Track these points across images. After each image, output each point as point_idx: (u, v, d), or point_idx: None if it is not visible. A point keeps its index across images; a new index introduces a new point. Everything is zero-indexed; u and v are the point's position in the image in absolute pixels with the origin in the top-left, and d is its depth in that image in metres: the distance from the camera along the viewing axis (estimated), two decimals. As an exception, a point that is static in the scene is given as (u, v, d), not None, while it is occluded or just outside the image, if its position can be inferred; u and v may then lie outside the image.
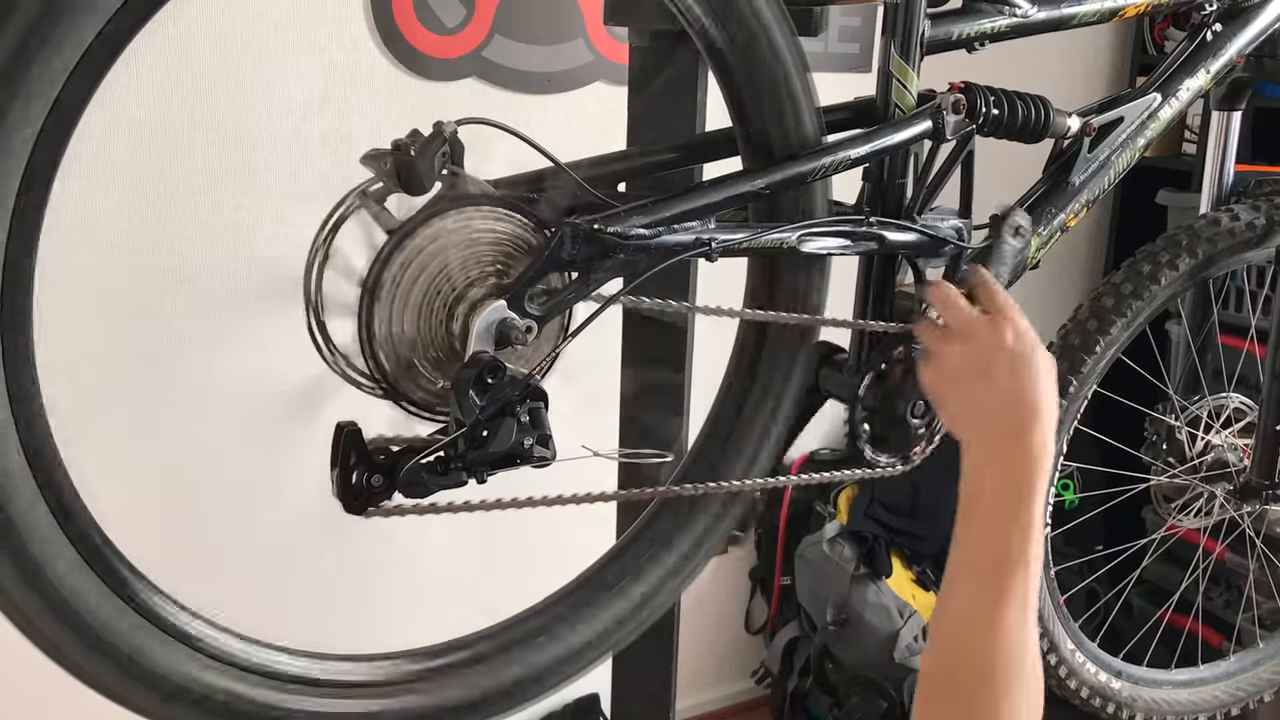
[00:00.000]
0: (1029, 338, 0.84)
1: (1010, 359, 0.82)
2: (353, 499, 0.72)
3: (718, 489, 0.91)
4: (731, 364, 0.95)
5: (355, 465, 0.72)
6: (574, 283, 0.77)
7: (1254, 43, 1.15)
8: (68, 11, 0.59)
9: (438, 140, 0.73)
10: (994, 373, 0.82)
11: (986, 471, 0.81)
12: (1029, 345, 0.83)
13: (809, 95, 0.85)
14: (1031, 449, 0.80)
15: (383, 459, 0.73)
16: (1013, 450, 0.80)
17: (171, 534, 1.65)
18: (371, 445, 0.73)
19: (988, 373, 0.82)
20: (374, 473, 0.72)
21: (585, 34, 1.99)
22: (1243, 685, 1.39)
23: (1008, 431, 0.80)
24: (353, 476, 0.72)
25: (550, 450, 0.75)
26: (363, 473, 0.72)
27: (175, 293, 1.76)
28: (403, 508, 0.74)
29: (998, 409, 0.81)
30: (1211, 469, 1.31)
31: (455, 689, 0.82)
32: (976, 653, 0.75)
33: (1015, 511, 0.78)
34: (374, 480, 0.72)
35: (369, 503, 0.73)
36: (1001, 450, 0.80)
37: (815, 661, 2.42)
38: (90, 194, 1.66)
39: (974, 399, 0.83)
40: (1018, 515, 0.78)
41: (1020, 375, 0.81)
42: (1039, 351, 0.83)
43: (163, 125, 1.69)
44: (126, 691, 0.70)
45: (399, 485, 0.72)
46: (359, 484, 0.72)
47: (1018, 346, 0.83)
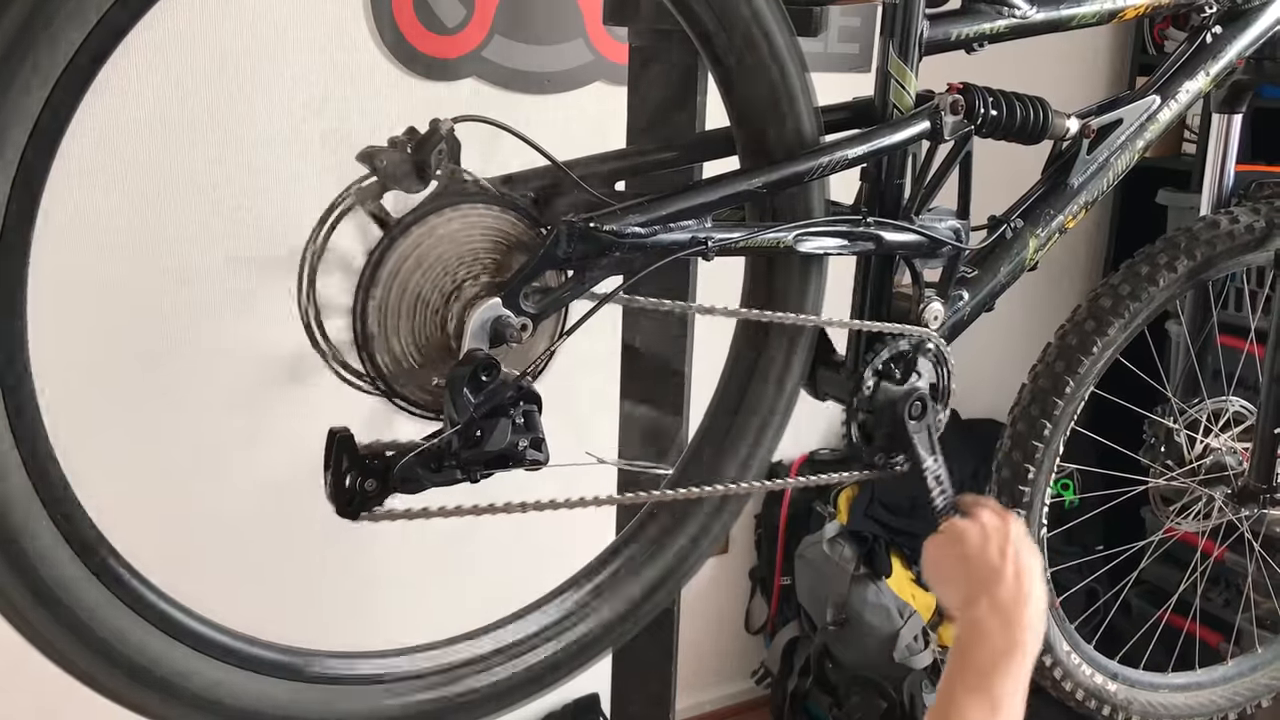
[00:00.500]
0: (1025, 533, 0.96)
1: (1019, 548, 0.93)
2: (345, 503, 0.72)
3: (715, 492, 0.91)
4: (728, 363, 0.95)
5: (348, 470, 0.72)
6: (570, 281, 0.77)
7: (1254, 45, 1.15)
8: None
9: (434, 138, 0.73)
10: (1006, 547, 0.92)
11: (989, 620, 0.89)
12: (1027, 537, 0.95)
13: (807, 95, 0.85)
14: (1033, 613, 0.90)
15: (375, 463, 0.72)
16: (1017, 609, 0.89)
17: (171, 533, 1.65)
18: (364, 450, 0.73)
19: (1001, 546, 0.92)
20: (367, 477, 0.72)
21: (585, 34, 1.99)
22: (1240, 690, 1.38)
23: (1014, 595, 0.90)
24: (345, 481, 0.72)
25: (544, 454, 0.75)
26: (355, 477, 0.72)
27: (175, 293, 1.76)
28: (394, 512, 0.74)
29: (1007, 584, 0.90)
30: (1210, 472, 1.30)
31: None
32: None
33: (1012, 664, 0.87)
34: (367, 484, 0.72)
35: (362, 507, 0.73)
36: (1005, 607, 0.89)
37: (815, 661, 2.42)
38: (90, 194, 1.66)
39: (987, 572, 0.91)
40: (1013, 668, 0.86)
41: (1025, 561, 0.92)
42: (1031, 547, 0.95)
43: (163, 125, 1.69)
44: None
45: (393, 481, 0.72)
46: (352, 488, 0.72)
47: (1024, 538, 0.94)
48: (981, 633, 0.88)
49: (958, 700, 0.85)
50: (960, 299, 1.00)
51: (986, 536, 0.93)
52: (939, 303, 0.97)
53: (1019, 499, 1.17)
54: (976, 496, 1.01)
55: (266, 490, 1.81)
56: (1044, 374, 1.17)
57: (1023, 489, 1.17)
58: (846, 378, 0.97)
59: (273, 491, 1.78)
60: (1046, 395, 1.16)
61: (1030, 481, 1.17)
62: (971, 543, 0.93)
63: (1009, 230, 1.03)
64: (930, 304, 0.96)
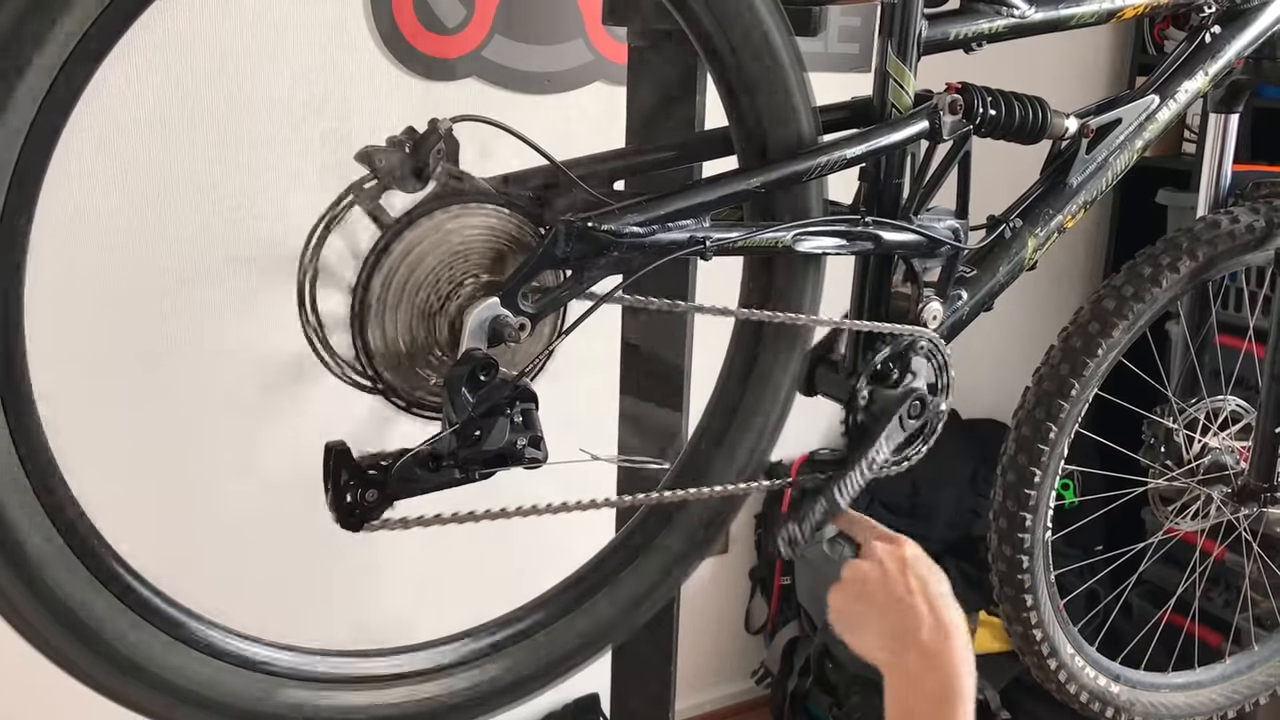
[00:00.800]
0: (923, 554, 0.88)
1: (925, 576, 0.86)
2: (347, 516, 0.72)
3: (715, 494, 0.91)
4: (726, 362, 0.95)
5: (347, 482, 0.72)
6: (568, 280, 0.77)
7: (1253, 45, 1.15)
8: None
9: (433, 137, 0.73)
10: (911, 582, 0.85)
11: (922, 672, 0.83)
12: (926, 559, 0.88)
13: (805, 95, 0.85)
14: (961, 649, 0.83)
15: (374, 474, 0.73)
16: (946, 653, 0.82)
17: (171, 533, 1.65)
18: (362, 461, 0.73)
19: (906, 582, 0.85)
20: (367, 488, 0.72)
21: (585, 34, 2.00)
22: (1239, 688, 1.39)
23: (938, 635, 0.83)
24: (346, 493, 0.72)
25: (542, 452, 0.75)
26: (356, 489, 0.72)
27: (175, 293, 1.76)
28: (397, 521, 0.74)
29: (927, 623, 0.84)
30: (1208, 472, 1.30)
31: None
32: None
33: (955, 715, 0.80)
34: (367, 495, 0.72)
35: (365, 518, 0.73)
36: (934, 654, 0.82)
37: (815, 661, 2.42)
38: (90, 194, 1.66)
39: (899, 614, 0.85)
40: (960, 713, 0.80)
41: (934, 589, 0.85)
42: (934, 569, 0.87)
43: (163, 125, 1.69)
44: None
45: (392, 483, 0.72)
46: (354, 501, 0.72)
47: (926, 564, 0.87)
48: (917, 686, 0.82)
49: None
50: (959, 299, 1.00)
51: (888, 574, 0.86)
52: (938, 302, 0.97)
53: (1025, 502, 1.17)
54: (859, 518, 0.94)
55: (266, 489, 1.81)
56: (1048, 376, 1.17)
57: (1028, 493, 1.17)
58: (845, 377, 0.97)
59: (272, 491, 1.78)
60: (1051, 398, 1.15)
61: (1036, 485, 1.16)
62: (877, 586, 0.86)
63: (1008, 230, 1.03)
64: (929, 304, 0.96)
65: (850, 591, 0.89)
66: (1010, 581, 1.21)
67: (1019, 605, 1.21)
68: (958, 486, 2.42)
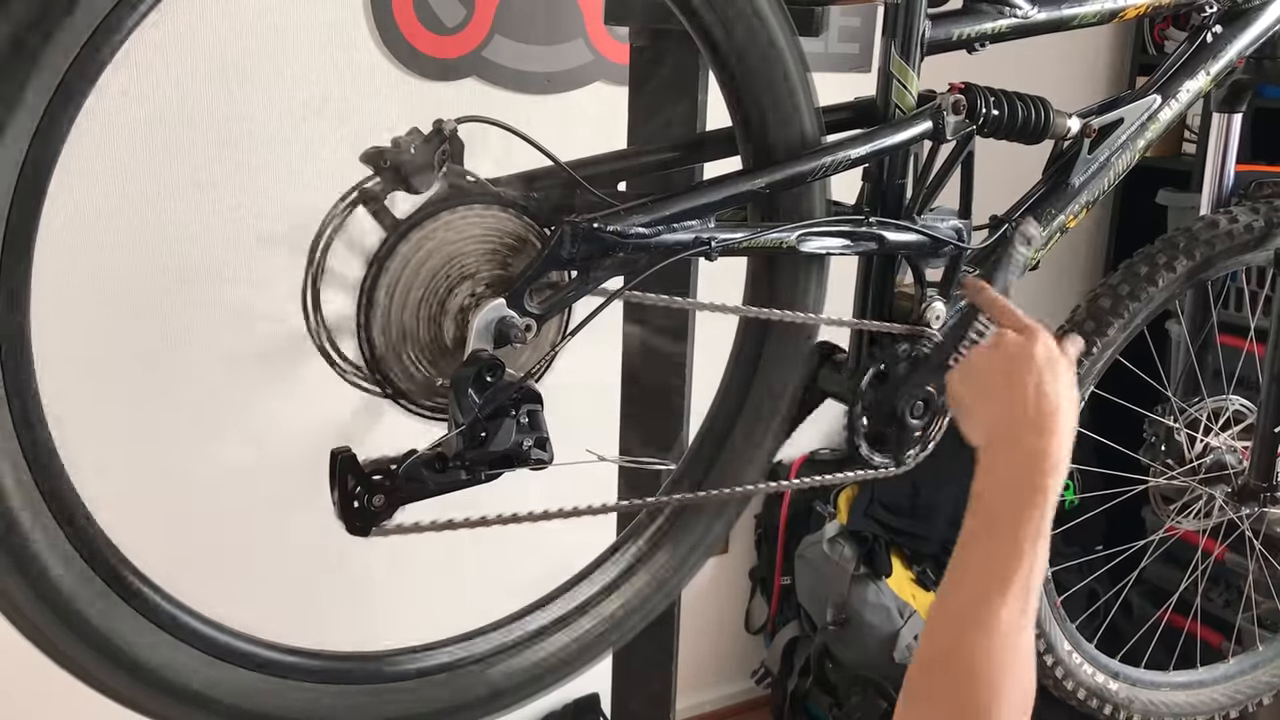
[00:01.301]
0: (1057, 353, 0.86)
1: (1042, 370, 0.84)
2: (355, 521, 0.73)
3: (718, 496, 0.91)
4: (730, 364, 0.95)
5: (354, 488, 0.72)
6: (573, 281, 0.77)
7: (1254, 45, 1.15)
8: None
9: (437, 138, 0.73)
10: (1026, 381, 0.84)
11: (1005, 472, 0.82)
12: (1058, 360, 0.86)
13: (809, 95, 0.86)
14: (1052, 456, 0.81)
15: (380, 479, 0.73)
16: (1034, 455, 0.81)
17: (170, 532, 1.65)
18: (368, 466, 0.73)
19: (1020, 380, 0.84)
20: (374, 493, 0.72)
21: (585, 34, 2.00)
22: (1241, 688, 1.39)
23: (1032, 437, 0.82)
24: (353, 500, 0.72)
25: (548, 453, 0.75)
26: (363, 495, 0.72)
27: (175, 293, 1.76)
28: (404, 526, 0.75)
29: (1025, 415, 0.83)
30: (1210, 471, 1.31)
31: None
32: (972, 651, 0.74)
33: (1029, 513, 0.79)
34: (374, 501, 0.72)
35: (372, 523, 0.73)
36: (1023, 454, 0.82)
37: (815, 661, 2.42)
38: (90, 194, 1.66)
39: (1004, 404, 0.84)
40: (1031, 516, 0.79)
41: (1048, 387, 0.83)
42: (1065, 367, 0.86)
43: (163, 125, 1.69)
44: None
45: (399, 483, 0.72)
46: (361, 506, 0.72)
47: (1049, 360, 0.85)
48: (999, 479, 0.81)
49: (971, 553, 0.79)
50: (961, 299, 1.00)
51: (1008, 364, 0.85)
52: (941, 302, 0.97)
53: None
54: (1002, 302, 0.92)
55: (266, 489, 1.81)
56: None
57: None
58: (848, 377, 0.97)
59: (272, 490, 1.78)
60: None
61: None
62: (989, 375, 0.86)
63: (1010, 230, 1.04)
64: (932, 304, 0.96)
65: (964, 376, 0.89)
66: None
67: None
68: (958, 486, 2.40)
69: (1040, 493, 0.79)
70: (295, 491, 1.85)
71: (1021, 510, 0.79)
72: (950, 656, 0.75)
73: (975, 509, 0.81)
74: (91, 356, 1.67)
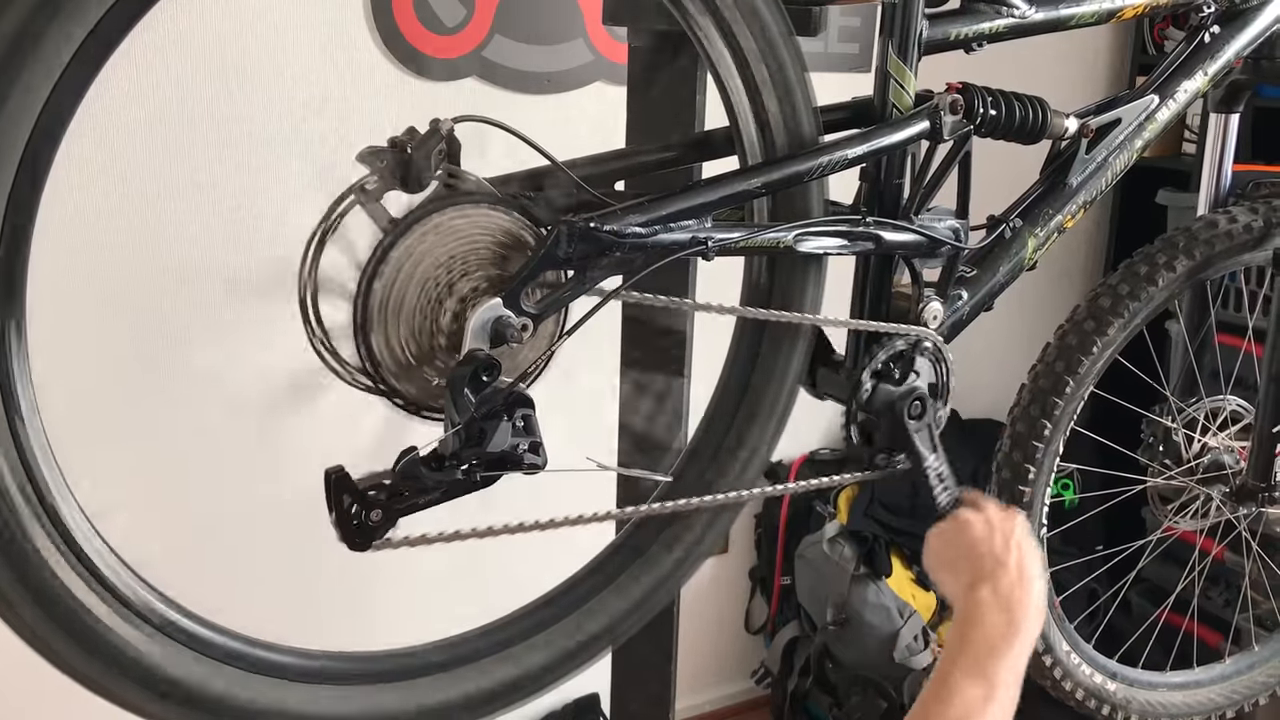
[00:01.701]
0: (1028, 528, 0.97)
1: (1022, 533, 0.95)
2: (355, 538, 0.73)
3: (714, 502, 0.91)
4: (727, 364, 0.95)
5: (350, 506, 0.72)
6: (570, 281, 0.77)
7: (1252, 45, 1.15)
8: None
9: (435, 138, 0.73)
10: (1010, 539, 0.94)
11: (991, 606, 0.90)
12: (1029, 533, 0.97)
13: (806, 95, 0.86)
14: (1033, 602, 0.91)
15: (375, 494, 0.73)
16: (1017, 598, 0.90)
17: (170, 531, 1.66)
18: (363, 483, 0.73)
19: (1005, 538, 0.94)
20: (370, 508, 0.73)
21: (585, 34, 2.00)
22: (1238, 688, 1.39)
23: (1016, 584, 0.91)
24: (350, 517, 0.72)
25: (541, 458, 0.75)
26: (360, 511, 0.72)
27: (175, 292, 1.76)
28: (404, 539, 0.75)
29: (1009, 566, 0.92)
30: (1208, 471, 1.31)
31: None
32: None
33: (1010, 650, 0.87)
34: (372, 515, 0.73)
35: (372, 538, 0.73)
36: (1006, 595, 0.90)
37: (815, 661, 2.42)
38: (90, 194, 1.66)
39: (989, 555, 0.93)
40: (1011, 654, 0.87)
41: (1026, 547, 0.94)
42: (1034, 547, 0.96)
43: (163, 125, 1.69)
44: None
45: (395, 479, 0.72)
46: (358, 522, 0.72)
47: (1025, 529, 0.96)
48: (982, 616, 0.89)
49: (953, 682, 0.85)
50: (959, 298, 1.00)
51: (991, 527, 0.94)
52: (938, 302, 0.97)
53: (1019, 499, 1.17)
54: (980, 494, 1.01)
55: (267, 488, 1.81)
56: (1044, 374, 1.17)
57: (1023, 489, 1.17)
58: (846, 377, 0.97)
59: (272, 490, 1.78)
60: (1046, 395, 1.16)
61: (1030, 481, 1.17)
62: (976, 532, 0.94)
63: (1008, 230, 1.04)
64: (929, 303, 0.96)
65: (949, 535, 0.96)
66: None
67: None
68: (957, 486, 2.41)
69: (1020, 634, 0.88)
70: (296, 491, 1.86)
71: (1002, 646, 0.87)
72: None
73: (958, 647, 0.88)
74: (91, 356, 1.68)
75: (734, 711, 2.70)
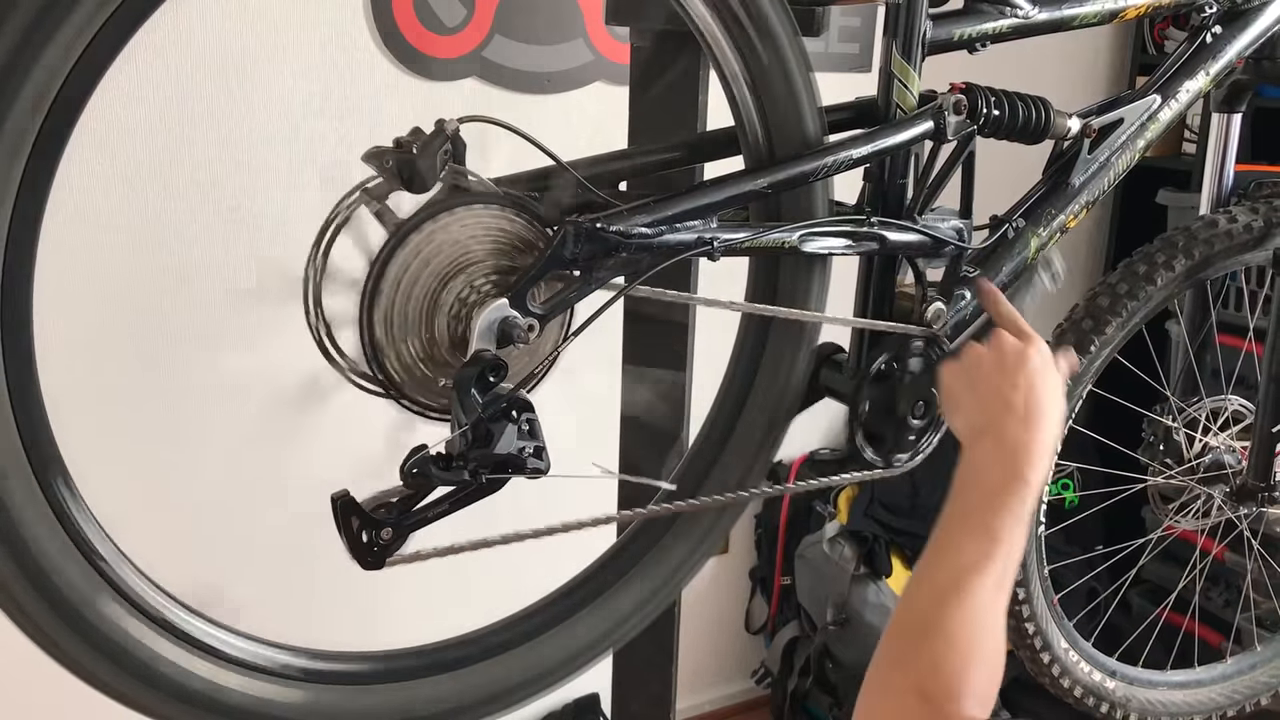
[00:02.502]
0: (1051, 362, 0.90)
1: (1034, 372, 0.88)
2: (367, 558, 0.74)
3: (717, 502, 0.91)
4: (731, 365, 0.95)
5: (360, 528, 0.73)
6: (576, 281, 0.77)
7: (1253, 45, 1.16)
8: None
9: (440, 138, 0.73)
10: (1018, 379, 0.87)
11: (989, 461, 0.84)
12: (1051, 368, 0.89)
13: (811, 95, 0.86)
14: (1035, 449, 0.84)
15: (384, 513, 0.73)
16: (1019, 446, 0.84)
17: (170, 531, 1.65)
18: (369, 504, 0.74)
19: (1012, 377, 0.87)
20: (380, 528, 0.73)
21: (585, 34, 2.00)
22: (1239, 688, 1.39)
23: (1019, 429, 0.85)
24: (362, 539, 0.73)
25: (544, 462, 0.75)
26: (370, 532, 0.73)
27: (175, 292, 1.76)
28: (418, 554, 0.76)
29: (1013, 409, 0.86)
30: (1208, 471, 1.31)
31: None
32: (948, 620, 0.76)
33: (1009, 501, 0.81)
34: (383, 534, 0.73)
35: (385, 555, 0.74)
36: (1008, 444, 0.84)
37: (815, 661, 2.42)
38: (90, 194, 1.66)
39: (994, 397, 0.87)
40: (1010, 505, 0.81)
41: (1038, 387, 0.87)
42: (1057, 376, 0.89)
43: (163, 125, 1.69)
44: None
45: (404, 476, 0.72)
46: (370, 542, 0.73)
47: (1043, 365, 0.89)
48: (982, 468, 0.84)
49: (952, 535, 0.81)
50: (963, 298, 1.00)
51: (1002, 364, 0.88)
52: (941, 302, 0.97)
53: None
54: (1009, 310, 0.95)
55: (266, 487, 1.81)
56: None
57: None
58: (849, 377, 0.97)
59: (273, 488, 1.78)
60: None
61: None
62: (984, 371, 0.89)
63: (1011, 230, 1.04)
64: (933, 303, 0.97)
65: (959, 370, 0.91)
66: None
67: (1012, 599, 1.21)
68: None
69: (1022, 482, 0.82)
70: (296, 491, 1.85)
71: (1002, 498, 0.81)
72: (928, 625, 0.77)
73: (958, 493, 0.84)
74: (90, 356, 1.67)
75: (734, 711, 2.70)
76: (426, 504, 0.75)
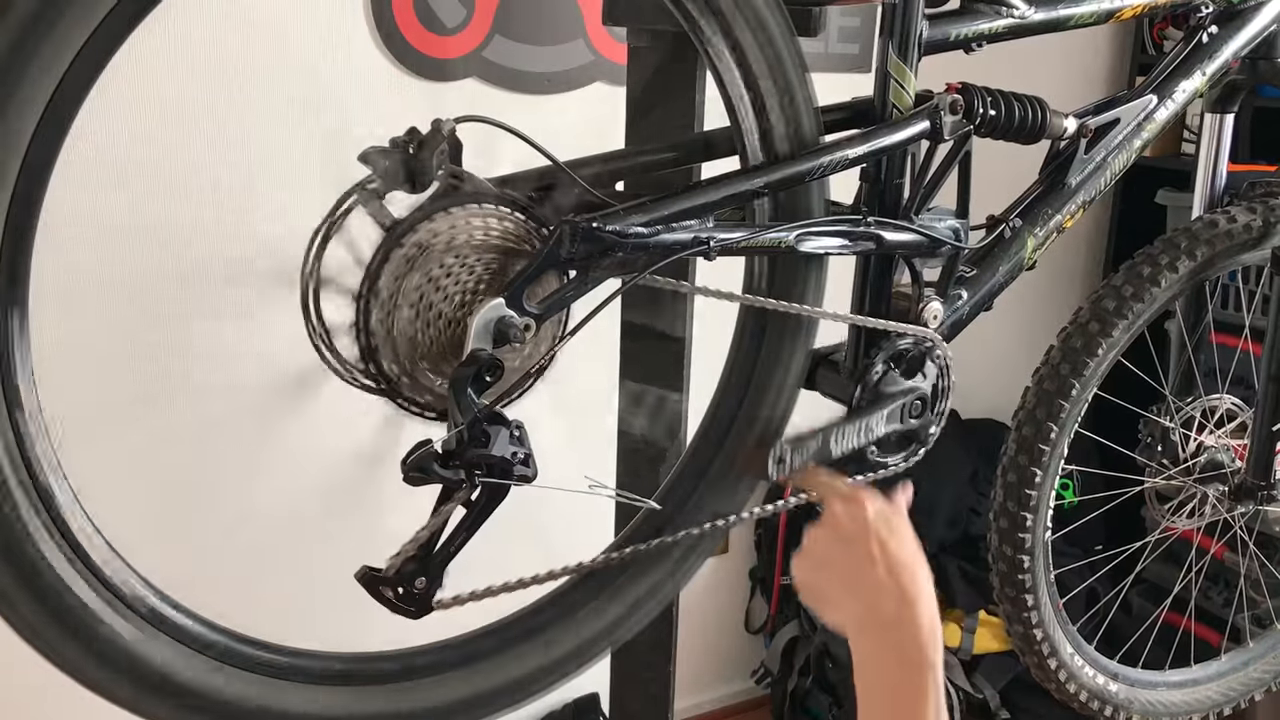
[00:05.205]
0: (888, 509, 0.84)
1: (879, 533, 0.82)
2: (412, 609, 0.76)
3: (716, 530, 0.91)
4: (728, 365, 0.95)
5: (396, 591, 0.75)
6: (572, 281, 0.78)
7: (1249, 45, 1.16)
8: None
9: (437, 138, 0.73)
10: (871, 551, 0.81)
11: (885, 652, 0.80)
12: (891, 515, 0.83)
13: (807, 95, 0.86)
14: (924, 623, 0.79)
15: (410, 567, 0.75)
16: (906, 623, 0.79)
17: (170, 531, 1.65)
18: (393, 568, 0.75)
19: (865, 551, 0.81)
20: (411, 582, 0.75)
21: (585, 34, 2.00)
22: (1234, 685, 1.39)
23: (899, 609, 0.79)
24: (401, 599, 0.75)
25: (531, 469, 0.76)
26: (405, 590, 0.75)
27: (175, 293, 1.76)
28: (460, 597, 0.78)
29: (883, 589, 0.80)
30: (1204, 470, 1.31)
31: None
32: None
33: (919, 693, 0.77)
34: (417, 586, 0.75)
35: (429, 600, 0.76)
36: (894, 629, 0.79)
37: (815, 661, 2.43)
38: (90, 194, 1.66)
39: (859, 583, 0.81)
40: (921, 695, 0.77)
41: (892, 549, 0.81)
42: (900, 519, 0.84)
43: (163, 125, 1.69)
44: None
45: (406, 471, 0.72)
46: (408, 598, 0.75)
47: (883, 520, 0.83)
48: (882, 668, 0.79)
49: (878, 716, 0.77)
50: (959, 298, 1.01)
51: (846, 539, 0.82)
52: (938, 302, 0.97)
53: (1025, 503, 1.17)
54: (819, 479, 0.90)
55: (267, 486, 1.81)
56: (1049, 377, 1.17)
57: (1029, 493, 1.17)
58: (846, 378, 0.97)
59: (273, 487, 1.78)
60: (1052, 398, 1.16)
61: (1037, 485, 1.17)
62: (833, 554, 0.83)
63: (1007, 230, 1.04)
64: (929, 303, 0.97)
65: (810, 561, 0.85)
66: (1011, 582, 1.21)
67: (1020, 605, 1.21)
68: (957, 486, 2.42)
69: (924, 669, 0.77)
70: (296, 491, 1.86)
71: (909, 692, 0.77)
72: None
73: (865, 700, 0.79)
74: (91, 356, 1.68)
75: (734, 711, 2.70)
76: (444, 541, 0.76)
